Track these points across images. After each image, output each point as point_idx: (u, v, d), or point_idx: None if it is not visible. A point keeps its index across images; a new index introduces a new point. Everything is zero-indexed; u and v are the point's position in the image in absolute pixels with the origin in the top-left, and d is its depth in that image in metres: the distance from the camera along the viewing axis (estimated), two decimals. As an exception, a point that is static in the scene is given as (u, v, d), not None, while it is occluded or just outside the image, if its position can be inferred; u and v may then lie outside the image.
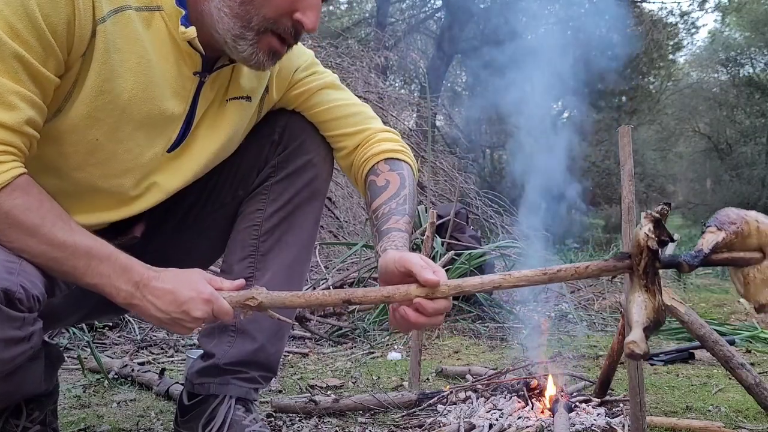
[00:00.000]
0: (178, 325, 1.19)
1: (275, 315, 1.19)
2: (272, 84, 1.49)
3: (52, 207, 1.13)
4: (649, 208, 1.01)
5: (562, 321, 3.91)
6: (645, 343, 0.97)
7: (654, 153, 23.77)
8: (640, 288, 1.01)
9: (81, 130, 1.20)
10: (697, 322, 1.73)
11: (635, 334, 0.97)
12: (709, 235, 1.01)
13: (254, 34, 1.22)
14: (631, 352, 0.96)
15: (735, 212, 1.03)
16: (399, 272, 1.15)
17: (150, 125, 1.27)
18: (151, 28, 1.23)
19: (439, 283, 1.09)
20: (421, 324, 1.13)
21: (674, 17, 19.84)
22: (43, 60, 1.09)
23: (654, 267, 1.00)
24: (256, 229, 1.52)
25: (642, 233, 0.99)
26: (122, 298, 1.16)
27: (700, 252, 0.99)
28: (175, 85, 1.28)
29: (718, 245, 1.00)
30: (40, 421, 1.50)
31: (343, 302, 1.14)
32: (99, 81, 1.17)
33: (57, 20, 1.09)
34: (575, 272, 1.06)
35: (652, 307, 1.00)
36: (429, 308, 1.10)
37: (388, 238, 1.28)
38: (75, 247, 1.12)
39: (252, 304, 1.16)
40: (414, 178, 1.50)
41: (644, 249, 0.99)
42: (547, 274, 1.06)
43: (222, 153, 1.45)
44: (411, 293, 1.10)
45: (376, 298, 1.14)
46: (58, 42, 1.10)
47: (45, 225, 1.10)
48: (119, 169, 1.28)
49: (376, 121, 1.58)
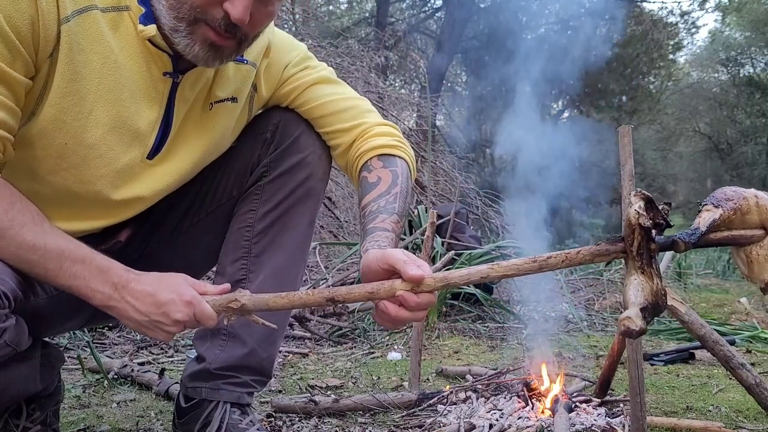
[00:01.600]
0: (157, 328, 1.16)
1: (260, 320, 1.17)
2: (260, 81, 1.45)
3: (23, 209, 1.11)
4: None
5: (562, 321, 3.91)
6: (641, 319, 0.91)
7: (654, 153, 23.77)
8: (636, 270, 0.97)
9: (49, 133, 1.18)
10: (697, 322, 1.72)
11: (631, 311, 0.93)
12: (705, 213, 0.98)
13: (186, 25, 1.17)
14: (626, 329, 0.91)
15: (732, 189, 1.00)
16: (382, 270, 1.11)
17: (121, 130, 1.24)
18: (120, 29, 1.21)
19: (424, 278, 1.06)
20: (403, 318, 1.09)
21: (674, 17, 19.85)
22: (10, 62, 1.08)
23: (648, 247, 0.96)
24: (248, 230, 1.49)
25: (632, 211, 0.95)
26: (98, 300, 1.14)
27: (697, 230, 0.96)
28: (146, 87, 1.25)
29: (716, 222, 0.96)
30: (41, 422, 1.49)
31: (326, 301, 1.10)
32: (63, 82, 1.15)
33: (20, 21, 1.07)
34: (566, 258, 1.01)
35: (650, 289, 0.95)
36: (412, 302, 1.07)
37: (372, 238, 1.24)
38: (45, 250, 1.10)
39: (235, 306, 1.13)
40: (409, 174, 1.46)
41: (636, 227, 0.95)
42: (537, 261, 1.02)
43: (208, 157, 1.43)
44: (395, 288, 1.07)
45: (361, 295, 1.10)
46: (23, 43, 1.08)
47: (13, 227, 1.09)
48: (93, 174, 1.25)
49: (373, 114, 1.53)
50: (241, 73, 1.41)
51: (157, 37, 1.21)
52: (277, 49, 1.46)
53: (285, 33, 1.54)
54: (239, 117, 1.46)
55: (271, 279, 1.48)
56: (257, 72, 1.44)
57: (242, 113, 1.46)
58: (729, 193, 0.99)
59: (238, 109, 1.43)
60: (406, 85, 15.04)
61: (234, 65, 1.39)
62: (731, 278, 7.01)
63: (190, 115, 1.36)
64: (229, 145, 1.48)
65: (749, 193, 0.99)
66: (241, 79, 1.41)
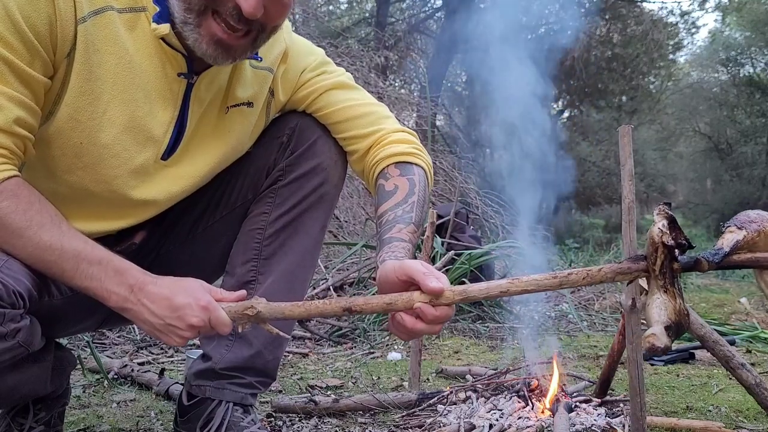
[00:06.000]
0: (171, 333, 1.15)
1: (273, 329, 1.17)
2: (277, 86, 1.45)
3: (42, 209, 1.12)
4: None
5: (562, 321, 3.91)
6: (666, 336, 0.92)
7: (654, 153, 23.76)
8: (659, 289, 0.96)
9: (66, 132, 1.18)
10: (697, 322, 1.72)
11: (656, 328, 0.93)
12: (728, 234, 0.97)
13: (195, 16, 1.17)
14: (651, 346, 0.91)
15: (756, 212, 1.00)
16: (400, 281, 1.10)
17: (136, 130, 1.24)
18: (136, 30, 1.21)
19: (444, 291, 1.05)
20: (419, 330, 1.08)
21: (674, 17, 19.82)
22: (29, 61, 1.09)
23: (671, 266, 0.95)
24: (259, 232, 1.49)
25: (656, 229, 0.94)
26: (114, 301, 1.14)
27: (721, 250, 0.95)
28: (161, 88, 1.25)
29: (739, 244, 0.96)
30: (45, 422, 1.50)
31: (343, 311, 1.09)
32: (79, 82, 1.16)
33: (38, 21, 1.08)
34: (587, 276, 1.00)
35: (672, 308, 0.95)
36: (429, 315, 1.06)
37: (389, 248, 1.23)
38: (62, 250, 1.11)
39: (250, 314, 1.13)
40: (427, 182, 1.45)
41: (659, 246, 0.94)
42: (557, 278, 1.01)
43: (225, 161, 1.43)
44: (414, 300, 1.06)
45: (378, 305, 1.09)
46: (42, 42, 1.09)
47: (31, 227, 1.09)
48: (108, 174, 1.25)
49: (391, 120, 1.52)
50: (258, 78, 1.41)
51: (170, 36, 1.21)
52: (294, 54, 1.46)
53: (302, 38, 1.54)
54: (257, 122, 1.46)
55: (281, 282, 1.48)
56: (274, 77, 1.44)
57: (260, 118, 1.46)
58: (752, 216, 0.99)
59: (254, 114, 1.43)
60: (405, 86, 15.03)
61: (251, 70, 1.39)
62: (731, 278, 7.01)
63: (206, 118, 1.36)
64: (246, 149, 1.48)
65: None
66: (258, 84, 1.41)
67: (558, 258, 7.17)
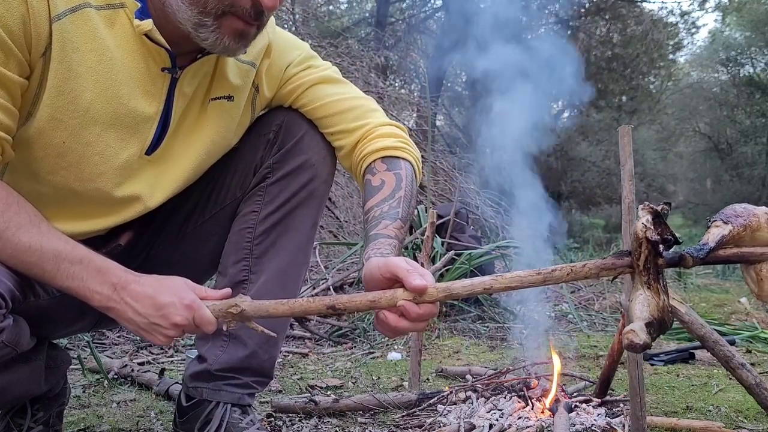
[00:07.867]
0: (156, 331, 1.14)
1: (259, 328, 1.16)
2: (262, 82, 1.43)
3: (20, 210, 1.11)
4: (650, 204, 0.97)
5: (562, 321, 3.91)
6: (645, 333, 0.90)
7: (654, 153, 23.76)
8: (642, 285, 0.96)
9: (47, 132, 1.17)
10: (697, 322, 1.72)
11: (635, 324, 0.91)
12: (714, 228, 0.96)
13: (213, 19, 1.16)
14: (630, 343, 0.89)
15: (742, 206, 0.98)
16: (384, 278, 1.09)
17: (120, 126, 1.24)
18: (116, 26, 1.20)
19: (427, 288, 1.03)
20: (403, 328, 1.06)
21: (674, 17, 19.83)
22: (3, 61, 1.08)
23: (656, 262, 0.94)
24: (250, 231, 1.48)
25: (640, 224, 0.93)
26: (97, 300, 1.13)
27: (705, 245, 0.94)
28: (144, 83, 1.24)
29: (725, 238, 0.94)
30: (44, 422, 1.50)
31: (327, 309, 1.09)
32: (57, 81, 1.15)
33: (11, 20, 1.07)
34: (572, 272, 0.99)
35: (655, 305, 0.94)
36: (413, 313, 1.04)
37: (374, 245, 1.22)
38: (42, 251, 1.10)
39: (234, 312, 1.12)
40: (414, 176, 1.43)
41: (643, 241, 0.94)
42: (541, 274, 1.00)
43: (208, 156, 1.41)
44: (397, 297, 1.05)
45: (362, 303, 1.08)
46: (16, 42, 1.08)
47: (9, 229, 1.08)
48: (92, 172, 1.24)
49: (378, 113, 1.50)
50: (241, 72, 1.39)
51: (153, 32, 1.20)
52: (278, 48, 1.45)
53: (287, 32, 1.52)
54: (241, 118, 1.44)
55: (273, 281, 1.47)
56: (258, 72, 1.42)
57: (244, 114, 1.45)
58: (738, 210, 0.97)
59: (235, 109, 1.41)
60: (405, 86, 15.04)
61: (234, 64, 1.38)
62: (731, 278, 7.01)
63: (189, 112, 1.34)
64: (232, 145, 1.47)
65: (760, 210, 0.97)
66: (241, 79, 1.40)
67: (558, 258, 7.17)
